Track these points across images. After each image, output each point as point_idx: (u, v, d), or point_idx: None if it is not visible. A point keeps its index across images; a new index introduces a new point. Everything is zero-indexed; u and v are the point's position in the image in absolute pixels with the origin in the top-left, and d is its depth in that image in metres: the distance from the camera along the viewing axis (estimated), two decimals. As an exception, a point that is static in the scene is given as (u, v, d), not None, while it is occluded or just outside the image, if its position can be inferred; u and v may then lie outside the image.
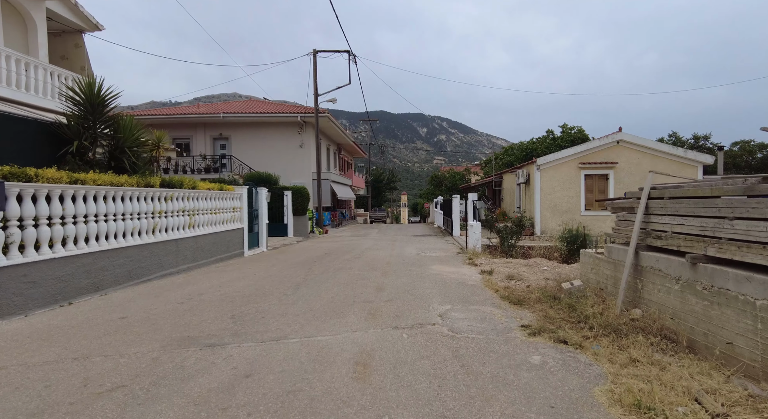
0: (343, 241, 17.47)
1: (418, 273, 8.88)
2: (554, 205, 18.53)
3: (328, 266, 9.96)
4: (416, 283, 7.71)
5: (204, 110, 27.67)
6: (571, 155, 18.41)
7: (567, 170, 18.52)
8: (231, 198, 11.89)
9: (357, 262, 10.72)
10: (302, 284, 7.70)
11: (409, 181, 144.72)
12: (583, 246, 11.53)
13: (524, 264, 9.89)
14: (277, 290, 7.14)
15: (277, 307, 5.90)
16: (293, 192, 18.92)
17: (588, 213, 18.41)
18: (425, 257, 11.63)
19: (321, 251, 13.47)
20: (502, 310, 5.72)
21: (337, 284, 7.59)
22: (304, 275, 8.76)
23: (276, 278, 8.41)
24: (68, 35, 13.58)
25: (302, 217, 19.37)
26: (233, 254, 11.75)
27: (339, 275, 8.61)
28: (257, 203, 13.95)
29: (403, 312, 5.58)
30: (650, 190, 5.42)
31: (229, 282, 7.88)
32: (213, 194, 10.82)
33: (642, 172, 18.12)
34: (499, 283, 7.75)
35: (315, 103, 21.19)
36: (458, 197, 19.27)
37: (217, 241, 10.82)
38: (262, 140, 26.95)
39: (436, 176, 39.59)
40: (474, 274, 8.81)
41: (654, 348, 4.22)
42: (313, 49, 20.98)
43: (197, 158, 26.34)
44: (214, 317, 5.37)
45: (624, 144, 18.18)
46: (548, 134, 34.55)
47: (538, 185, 18.57)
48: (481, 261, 10.51)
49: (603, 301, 5.91)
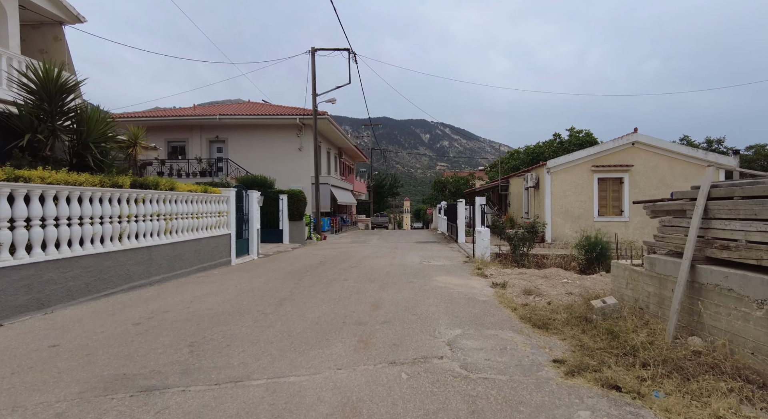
0: (341, 248, 16.44)
1: (421, 286, 7.82)
2: (566, 210, 17.46)
3: (321, 277, 8.92)
4: (419, 299, 6.66)
5: (200, 112, 26.81)
6: (583, 157, 17.36)
7: (579, 173, 17.47)
8: (216, 201, 10.90)
9: (353, 272, 9.68)
10: (287, 299, 6.65)
11: (412, 187, 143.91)
12: (603, 255, 10.44)
13: (540, 276, 8.81)
14: (255, 307, 6.10)
15: (249, 330, 4.85)
16: (289, 196, 17.93)
17: (602, 219, 17.32)
18: (429, 267, 10.57)
19: (316, 260, 12.43)
20: (524, 336, 4.66)
21: (327, 300, 6.54)
22: (291, 287, 7.72)
23: (259, 291, 7.37)
24: (47, 27, 12.70)
25: (299, 222, 18.37)
26: (219, 262, 10.73)
27: (331, 289, 7.56)
28: (248, 207, 12.95)
29: (402, 339, 4.52)
30: (710, 188, 4.37)
31: (204, 297, 6.85)
32: (195, 197, 9.83)
33: (659, 175, 17.06)
34: (515, 299, 6.69)
35: (313, 103, 20.26)
36: (463, 201, 18.24)
37: (199, 248, 9.81)
38: (260, 143, 26.06)
39: (440, 180, 38.50)
40: (485, 287, 7.74)
41: (736, 396, 3.15)
42: (312, 46, 20.11)
43: (192, 161, 25.49)
44: (168, 344, 4.33)
45: (640, 146, 17.12)
46: (555, 137, 33.53)
47: (548, 189, 17.51)
48: (491, 272, 9.44)
49: (646, 324, 4.84)
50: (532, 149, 33.77)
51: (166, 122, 26.25)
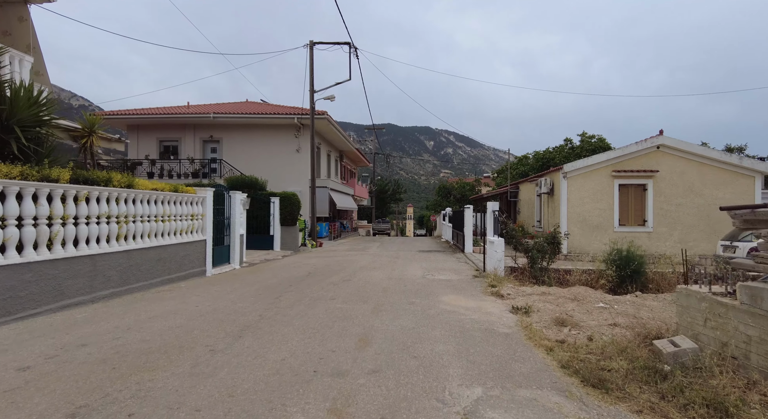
0: (336, 256, 14.96)
1: (424, 310, 6.32)
2: (583, 219, 15.93)
3: (304, 294, 7.43)
4: (421, 329, 5.16)
5: (194, 110, 25.50)
6: (603, 161, 15.86)
7: (598, 178, 15.96)
8: (189, 203, 9.46)
9: (344, 288, 8.19)
10: (251, 327, 5.17)
11: (416, 194, 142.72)
12: (638, 272, 8.90)
13: (568, 297, 7.30)
14: (206, 339, 4.62)
15: (178, 383, 3.38)
16: (281, 199, 16.49)
17: (623, 229, 15.78)
18: (433, 282, 9.07)
19: (305, 270, 10.95)
20: (576, 403, 3.15)
21: (302, 330, 5.06)
22: (263, 309, 6.24)
23: (221, 313, 5.90)
24: (10, 6, 11.40)
25: (292, 228, 16.91)
26: (190, 273, 9.27)
27: (312, 312, 6.08)
28: (230, 210, 11.52)
29: (396, 406, 3.03)
30: None
31: (148, 321, 5.38)
32: (160, 197, 8.39)
33: (687, 182, 15.53)
34: (545, 331, 5.18)
35: (310, 99, 18.90)
36: (471, 207, 16.75)
37: (164, 257, 8.36)
38: (256, 144, 24.76)
39: (444, 186, 36.91)
40: (504, 313, 6.24)
41: None
42: (310, 40, 18.78)
43: (185, 161, 24.19)
44: (41, 412, 2.86)
45: (665, 150, 15.61)
46: (566, 142, 32.05)
47: (564, 195, 16.00)
48: (507, 290, 7.92)
49: (752, 385, 3.33)
50: (541, 155, 32.28)
51: (158, 121, 25.02)
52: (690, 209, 15.51)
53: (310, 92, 18.81)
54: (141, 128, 25.94)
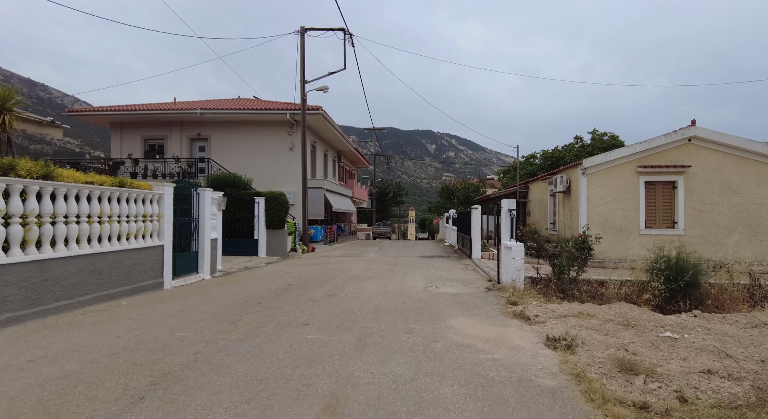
0: (328, 263, 13.24)
1: (428, 343, 4.58)
2: (605, 220, 14.17)
3: (271, 317, 5.71)
4: (423, 385, 3.41)
5: (180, 107, 23.86)
6: (627, 156, 14.11)
7: (622, 175, 14.21)
8: (139, 201, 7.75)
9: (326, 306, 6.45)
10: (169, 378, 3.44)
11: (417, 197, 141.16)
12: (693, 284, 7.13)
13: (616, 320, 5.54)
14: (80, 408, 2.90)
15: None
16: (267, 199, 14.78)
17: (650, 232, 14.01)
18: (438, 297, 7.33)
19: (286, 281, 9.24)
20: None
21: (240, 387, 3.32)
22: (206, 342, 4.52)
23: (144, 350, 4.18)
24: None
25: (279, 231, 15.19)
26: (141, 286, 7.56)
27: (270, 348, 4.35)
28: (198, 211, 9.82)
29: None
30: None
31: (22, 368, 3.67)
32: (94, 192, 6.69)
33: (723, 179, 13.76)
34: (608, 384, 3.44)
35: (301, 90, 17.22)
36: (479, 208, 15.01)
37: (101, 267, 6.65)
38: (247, 142, 23.17)
39: (447, 187, 35.08)
40: (538, 347, 4.49)
41: None
42: (301, 26, 17.14)
43: (170, 161, 22.58)
44: None
45: (698, 142, 13.85)
46: (576, 140, 30.30)
47: (584, 194, 14.26)
48: (533, 310, 6.17)
49: None
50: (550, 154, 30.53)
51: (142, 117, 23.45)
52: (726, 209, 13.73)
53: (301, 82, 17.14)
54: (125, 125, 24.37)
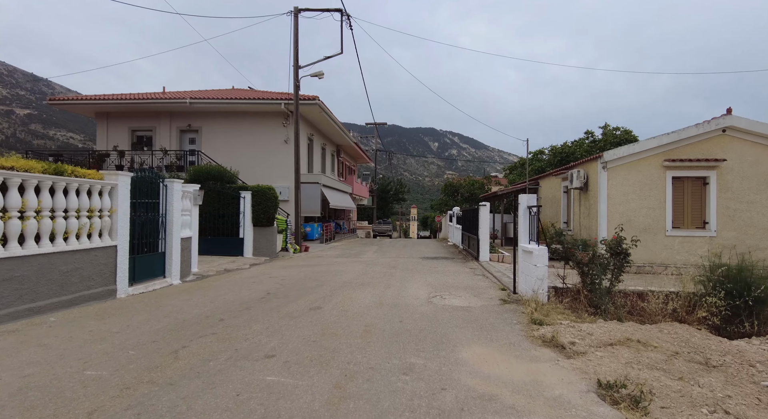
0: (320, 265, 11.90)
1: (432, 395, 3.22)
2: (628, 220, 12.75)
3: (228, 344, 4.36)
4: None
5: (169, 96, 22.50)
6: (653, 148, 12.69)
7: (647, 169, 12.80)
8: (83, 192, 6.40)
9: (303, 326, 5.10)
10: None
11: (420, 195, 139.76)
12: (763, 301, 5.73)
13: (687, 355, 4.17)
14: None
15: None
16: (254, 194, 13.43)
17: (677, 233, 12.61)
18: (444, 313, 5.96)
19: (265, 288, 7.89)
20: None
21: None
22: (115, 392, 3.17)
23: (18, 408, 2.83)
24: None
25: (268, 229, 13.84)
26: (85, 296, 6.22)
27: (205, 402, 3.00)
28: (166, 206, 8.47)
29: None
30: None
31: None
32: (12, 180, 5.34)
33: (763, 174, 12.32)
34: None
35: (295, 76, 15.84)
36: (487, 205, 13.63)
37: (20, 275, 5.31)
38: (240, 134, 21.87)
39: (451, 183, 33.60)
40: (591, 405, 3.11)
41: None
42: (294, 6, 15.73)
43: (157, 152, 21.29)
44: None
45: (734, 133, 12.42)
46: (587, 135, 28.81)
47: (604, 190, 12.86)
48: (568, 334, 4.79)
49: None
50: (559, 149, 29.05)
51: (129, 107, 22.14)
52: (766, 209, 12.32)
53: (294, 67, 15.76)
54: (111, 116, 23.05)
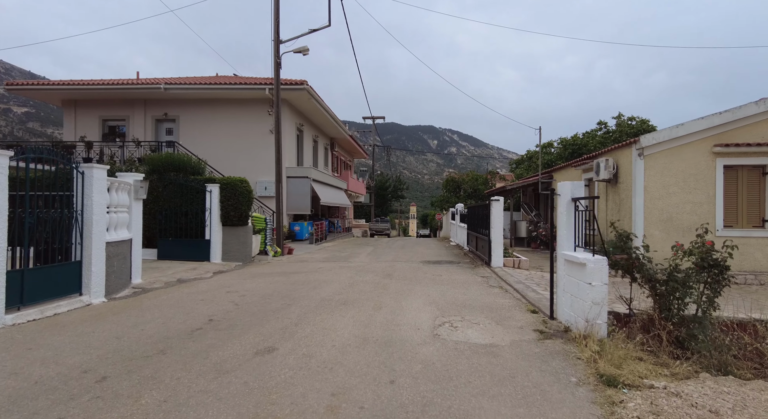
0: (300, 272, 9.78)
1: None
2: (669, 217, 10.67)
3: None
4: None
5: (142, 82, 20.31)
6: (701, 130, 10.59)
7: (692, 157, 10.70)
8: None
9: (225, 397, 2.96)
10: None
11: (419, 192, 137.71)
12: None
13: None
14: None
15: None
16: (222, 187, 11.28)
17: (729, 233, 10.46)
18: (459, 361, 3.86)
19: (209, 312, 5.77)
20: None
21: None
22: None
23: None
24: None
25: (240, 229, 11.69)
26: None
27: None
28: (83, 200, 6.33)
29: None
30: None
31: None
32: None
33: (835, 161, 10.23)
34: None
35: (275, 52, 13.67)
36: (500, 200, 11.49)
37: None
38: (221, 123, 19.76)
39: (453, 179, 31.45)
40: None
41: None
42: (274, -30, 13.56)
43: (129, 144, 19.04)
44: None
45: (800, 112, 10.32)
46: (600, 126, 26.68)
47: (640, 182, 10.76)
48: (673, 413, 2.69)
49: None
50: (570, 141, 26.91)
51: (100, 94, 19.98)
52: (839, 203, 10.22)
53: (275, 42, 13.60)
54: (79, 103, 20.83)
